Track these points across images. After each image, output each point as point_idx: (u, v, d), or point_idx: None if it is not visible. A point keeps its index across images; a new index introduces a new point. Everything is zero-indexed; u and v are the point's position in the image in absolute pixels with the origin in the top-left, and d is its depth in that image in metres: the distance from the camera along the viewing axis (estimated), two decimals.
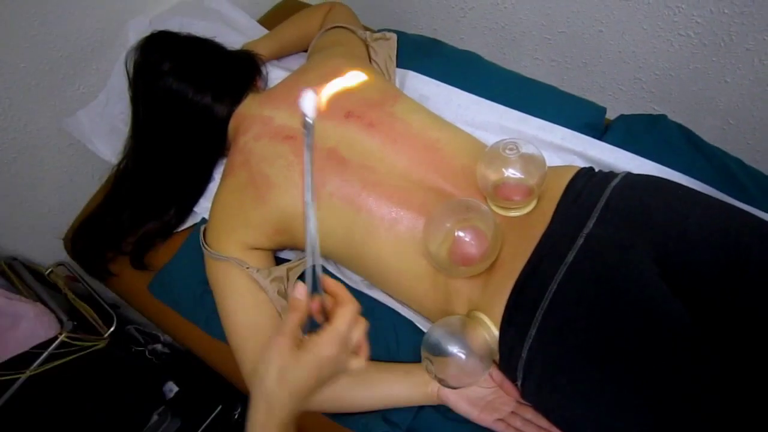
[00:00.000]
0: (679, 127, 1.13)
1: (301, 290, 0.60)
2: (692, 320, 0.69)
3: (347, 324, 0.59)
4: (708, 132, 1.16)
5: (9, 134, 1.11)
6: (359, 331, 0.61)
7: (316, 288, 0.61)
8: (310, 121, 0.54)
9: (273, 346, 0.58)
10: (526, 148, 0.84)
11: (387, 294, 0.99)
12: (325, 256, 1.01)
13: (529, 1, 1.37)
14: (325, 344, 0.58)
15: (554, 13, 1.36)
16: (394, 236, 0.87)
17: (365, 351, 0.63)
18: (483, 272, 0.83)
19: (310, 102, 0.54)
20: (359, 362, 0.62)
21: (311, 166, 0.56)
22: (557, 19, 1.37)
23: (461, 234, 0.81)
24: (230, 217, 0.94)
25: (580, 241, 0.76)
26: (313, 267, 0.60)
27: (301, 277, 0.98)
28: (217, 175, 1.14)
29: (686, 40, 1.23)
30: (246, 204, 0.94)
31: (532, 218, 0.85)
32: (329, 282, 0.62)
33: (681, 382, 0.67)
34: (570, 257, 0.75)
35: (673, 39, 1.24)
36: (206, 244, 0.96)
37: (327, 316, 0.61)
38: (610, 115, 1.20)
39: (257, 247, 0.96)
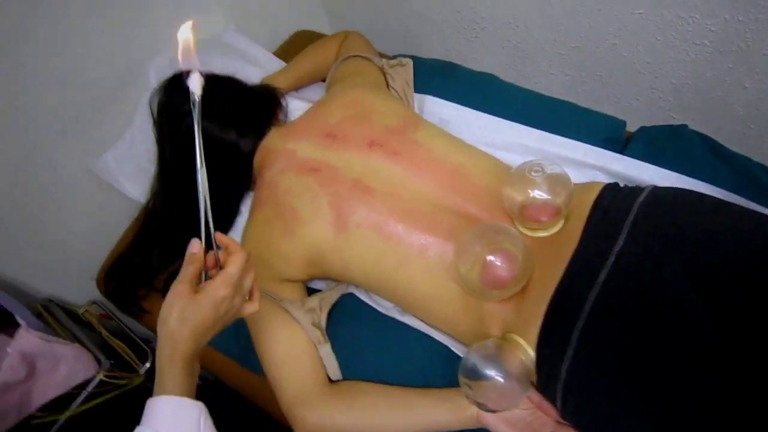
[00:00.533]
0: (701, 135, 1.12)
1: (196, 245, 0.69)
2: (727, 336, 0.68)
3: (238, 268, 0.68)
4: (729, 138, 1.16)
5: (39, 179, 1.14)
6: (250, 278, 0.72)
7: (210, 245, 0.71)
8: (197, 99, 0.66)
9: (173, 292, 0.67)
10: (552, 168, 0.84)
11: (420, 319, 0.99)
12: (356, 284, 1.01)
13: (541, 19, 1.38)
14: (220, 286, 0.67)
15: (566, 29, 1.37)
16: (425, 262, 0.88)
17: (257, 297, 0.74)
18: (515, 294, 0.83)
19: (196, 81, 0.65)
20: (253, 306, 0.73)
21: (200, 138, 0.67)
22: (570, 35, 1.38)
23: (492, 258, 0.81)
24: (260, 251, 0.96)
25: (612, 259, 0.76)
26: (207, 225, 0.69)
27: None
28: (245, 208, 1.15)
29: (701, 48, 1.23)
30: (275, 238, 0.95)
31: (560, 238, 0.85)
32: (221, 236, 0.72)
33: (722, 402, 0.66)
34: (602, 276, 0.75)
35: (689, 48, 1.24)
36: None
37: (221, 268, 0.70)
38: (629, 125, 1.20)
39: (288, 279, 0.97)
